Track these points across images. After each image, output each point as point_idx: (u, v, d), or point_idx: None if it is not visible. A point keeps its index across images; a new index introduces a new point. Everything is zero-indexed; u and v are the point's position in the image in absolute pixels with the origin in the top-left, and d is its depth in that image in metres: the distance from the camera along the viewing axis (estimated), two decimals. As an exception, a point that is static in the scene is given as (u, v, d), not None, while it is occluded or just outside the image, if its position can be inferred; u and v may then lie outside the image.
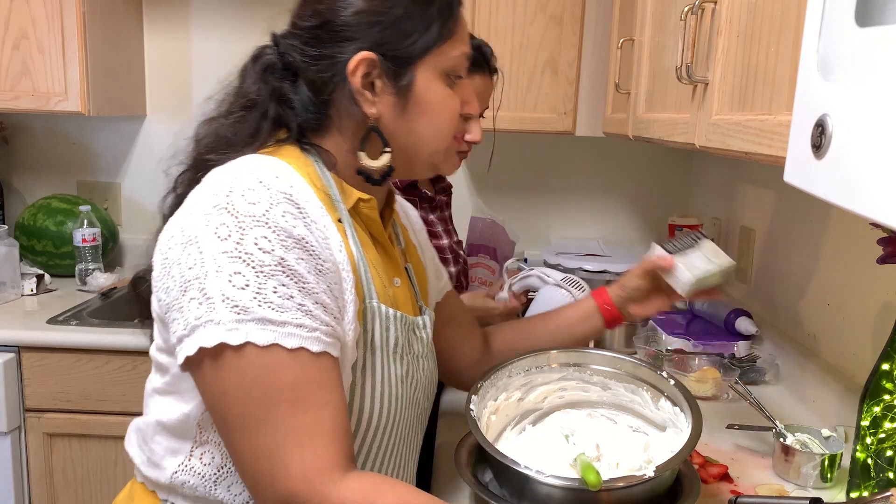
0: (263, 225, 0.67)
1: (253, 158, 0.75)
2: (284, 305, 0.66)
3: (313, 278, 0.69)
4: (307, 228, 0.70)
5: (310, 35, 0.79)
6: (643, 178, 2.34)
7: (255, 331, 0.65)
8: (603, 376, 1.05)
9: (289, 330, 0.66)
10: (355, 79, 0.77)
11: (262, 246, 0.67)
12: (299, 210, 0.70)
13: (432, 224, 1.41)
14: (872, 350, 0.89)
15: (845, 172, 0.44)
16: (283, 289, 0.66)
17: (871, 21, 0.43)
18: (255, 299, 0.65)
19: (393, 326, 0.81)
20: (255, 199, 0.68)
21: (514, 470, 0.84)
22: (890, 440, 0.84)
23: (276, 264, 0.67)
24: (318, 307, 0.68)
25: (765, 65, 0.84)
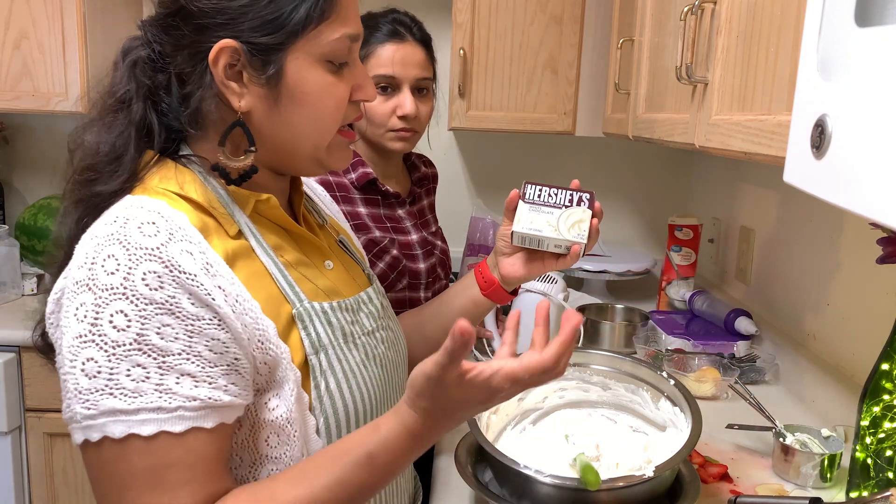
0: (121, 297, 0.62)
1: (115, 210, 0.68)
2: (139, 389, 0.62)
3: (181, 345, 0.64)
4: (176, 284, 0.64)
5: (168, 23, 0.72)
6: (643, 178, 2.34)
7: (109, 424, 0.62)
8: (603, 376, 1.05)
9: (143, 417, 0.62)
10: (218, 70, 0.70)
11: (118, 323, 0.62)
12: (166, 266, 0.64)
13: (398, 220, 1.38)
14: (872, 350, 0.89)
15: (845, 172, 0.44)
16: (139, 370, 0.62)
17: (870, 21, 0.43)
18: (105, 388, 0.62)
19: (334, 318, 0.78)
20: (113, 266, 0.63)
21: (513, 470, 0.84)
22: (889, 440, 0.84)
23: (131, 343, 0.62)
24: (183, 380, 0.64)
25: (765, 65, 0.84)
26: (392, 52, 1.29)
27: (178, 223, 0.67)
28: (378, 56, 1.29)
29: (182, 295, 0.64)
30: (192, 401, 0.64)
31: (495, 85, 1.92)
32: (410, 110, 1.29)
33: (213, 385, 0.65)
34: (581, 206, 0.97)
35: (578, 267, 2.01)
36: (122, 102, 0.73)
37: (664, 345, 1.56)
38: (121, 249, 0.63)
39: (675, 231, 1.86)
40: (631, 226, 2.38)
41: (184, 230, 0.67)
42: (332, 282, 0.82)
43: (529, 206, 0.97)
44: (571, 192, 0.98)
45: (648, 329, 1.65)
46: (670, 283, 1.88)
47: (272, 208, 0.77)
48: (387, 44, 1.30)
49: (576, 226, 0.97)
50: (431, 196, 1.55)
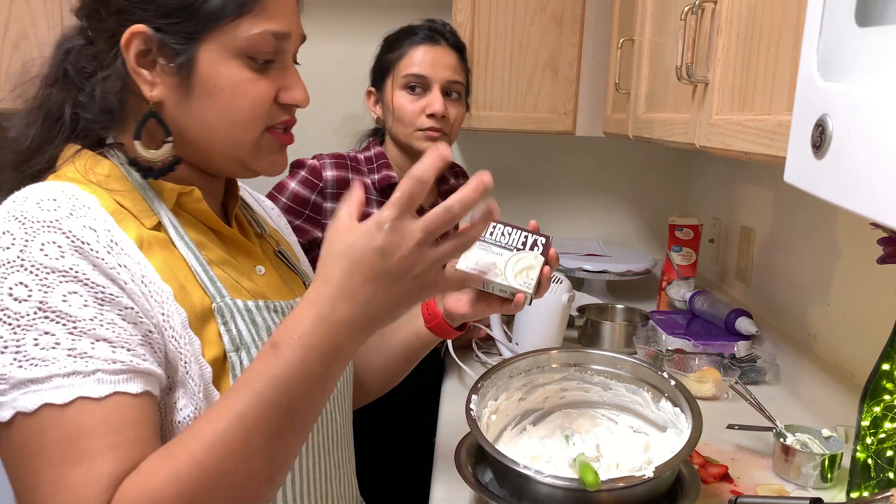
0: (19, 269, 0.59)
1: (24, 191, 0.65)
2: (49, 357, 0.58)
3: (91, 311, 0.60)
4: (78, 254, 0.61)
5: (90, 6, 0.71)
6: (643, 178, 2.34)
7: (20, 398, 0.57)
8: (604, 376, 1.05)
9: (56, 383, 0.58)
10: (129, 55, 0.68)
11: (17, 294, 0.58)
12: (66, 235, 0.61)
13: None
14: (872, 350, 0.89)
15: (845, 172, 0.44)
16: (47, 337, 0.58)
17: (871, 21, 0.43)
18: (14, 361, 0.58)
19: (259, 317, 0.73)
20: (8, 241, 0.60)
21: (513, 470, 0.84)
22: (890, 440, 0.84)
23: (34, 312, 0.58)
24: (99, 344, 0.60)
25: (765, 65, 0.84)
26: (423, 52, 1.33)
27: (83, 202, 0.64)
28: (410, 56, 1.33)
29: (86, 265, 0.61)
30: (112, 363, 0.60)
31: (495, 85, 1.92)
32: (439, 108, 1.31)
33: (133, 352, 0.61)
34: (534, 252, 0.91)
35: (578, 267, 2.01)
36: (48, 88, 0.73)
37: (664, 345, 1.56)
38: (16, 224, 0.61)
39: (675, 231, 1.86)
40: (631, 226, 2.38)
41: (89, 209, 0.64)
42: (259, 286, 0.78)
43: (479, 244, 0.90)
44: (527, 233, 0.92)
45: (649, 329, 1.65)
46: (670, 283, 1.88)
47: (195, 201, 0.74)
48: (420, 46, 1.34)
49: (524, 272, 0.89)
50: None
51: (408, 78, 1.32)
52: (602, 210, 2.37)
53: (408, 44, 1.34)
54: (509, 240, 0.91)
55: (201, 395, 0.66)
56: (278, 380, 0.60)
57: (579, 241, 2.29)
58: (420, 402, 1.55)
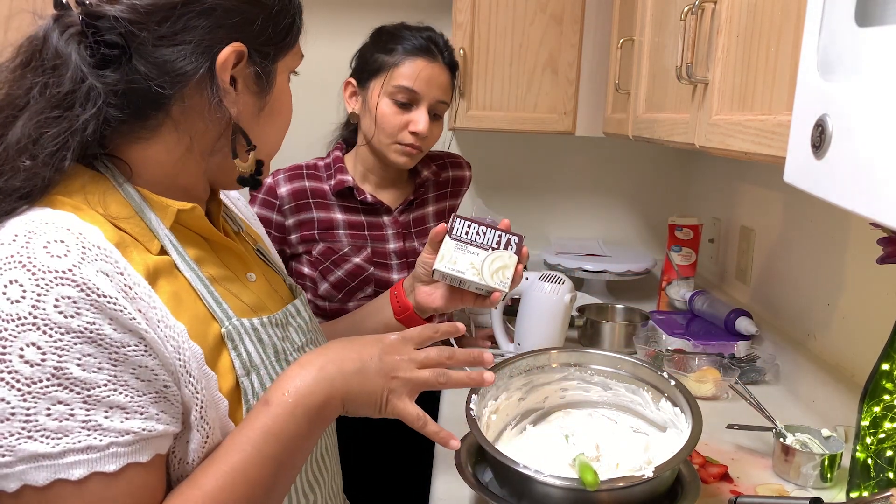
0: (31, 328, 0.55)
1: (14, 226, 0.59)
2: (63, 429, 0.55)
3: (105, 375, 0.57)
4: (94, 309, 0.57)
5: (167, 12, 0.64)
6: (643, 178, 2.34)
7: (30, 472, 0.55)
8: (604, 376, 1.05)
9: (70, 459, 0.55)
10: (224, 74, 0.66)
11: (29, 357, 0.54)
12: (81, 289, 0.56)
13: (380, 227, 1.38)
14: (872, 350, 0.89)
15: (845, 172, 0.44)
16: (60, 407, 0.55)
17: (871, 21, 0.43)
18: (23, 431, 0.54)
19: (265, 335, 0.73)
20: (18, 293, 0.55)
21: (513, 470, 0.84)
22: (890, 440, 0.84)
23: (47, 379, 0.55)
24: (113, 413, 0.57)
25: (765, 65, 0.84)
26: (420, 67, 1.29)
27: (91, 240, 0.59)
28: (404, 67, 1.28)
29: (103, 321, 0.57)
30: (124, 435, 0.58)
31: (495, 85, 1.92)
32: (423, 129, 1.29)
33: (146, 415, 0.59)
34: (508, 251, 0.95)
35: (578, 267, 2.01)
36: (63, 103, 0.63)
37: (664, 345, 1.56)
38: (25, 274, 0.55)
39: (675, 231, 1.86)
40: (631, 226, 2.38)
41: (98, 248, 0.59)
42: (256, 295, 0.78)
43: (455, 244, 0.94)
44: (501, 232, 0.96)
45: (649, 329, 1.65)
46: (670, 283, 1.88)
47: (196, 218, 0.72)
48: (417, 58, 1.29)
49: (500, 272, 0.94)
50: (444, 202, 1.50)
51: (399, 90, 1.28)
52: (602, 210, 2.37)
53: (404, 51, 1.29)
54: (484, 239, 0.95)
55: (218, 432, 0.66)
56: (270, 433, 0.65)
57: (579, 241, 2.29)
58: None
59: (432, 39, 1.32)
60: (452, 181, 1.51)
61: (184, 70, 0.65)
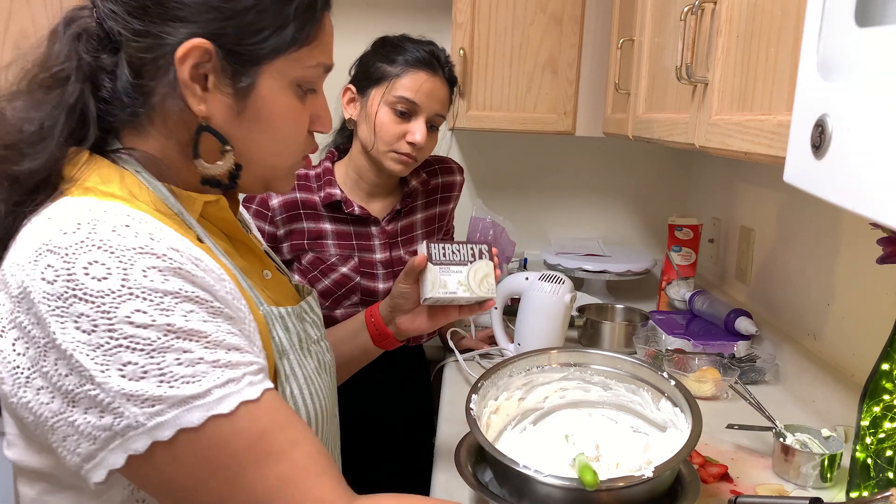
0: (129, 297, 0.56)
1: (70, 215, 0.60)
2: (199, 372, 0.58)
3: (212, 325, 0.60)
4: (178, 276, 0.59)
5: (139, 8, 0.65)
6: (643, 178, 2.34)
7: (183, 414, 0.56)
8: (604, 376, 1.05)
9: (217, 395, 0.58)
10: (183, 68, 0.65)
11: (139, 320, 0.56)
12: (161, 259, 0.59)
13: (368, 237, 1.40)
14: (872, 350, 0.89)
15: (845, 172, 0.44)
16: (187, 355, 0.57)
17: (871, 21, 0.43)
18: (162, 383, 0.56)
19: (290, 323, 0.75)
20: (102, 272, 0.56)
21: (513, 469, 0.84)
22: (890, 440, 0.84)
23: (164, 335, 0.57)
24: (232, 353, 0.60)
25: (765, 65, 0.84)
26: (423, 80, 1.31)
27: (153, 224, 0.61)
28: (407, 79, 1.31)
29: (188, 284, 0.60)
30: (250, 365, 0.61)
31: (495, 85, 1.92)
32: (421, 140, 1.32)
33: (254, 352, 0.63)
34: (483, 259, 1.02)
35: (578, 267, 2.01)
36: (56, 79, 0.66)
37: (664, 345, 1.56)
38: (103, 254, 0.57)
39: (675, 231, 1.86)
40: (631, 226, 2.38)
41: (162, 230, 0.61)
42: (273, 292, 0.79)
43: (440, 269, 0.99)
44: (470, 245, 1.03)
45: (648, 329, 1.65)
46: (670, 283, 1.88)
47: (221, 210, 0.73)
48: (420, 70, 1.31)
49: (484, 280, 1.02)
50: (434, 209, 1.51)
51: (399, 100, 1.30)
52: (602, 210, 2.37)
53: (407, 63, 1.31)
54: (460, 256, 1.01)
55: None
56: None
57: (579, 241, 2.29)
58: (407, 403, 1.55)
59: (434, 54, 1.34)
60: (442, 187, 1.52)
61: (149, 62, 0.66)
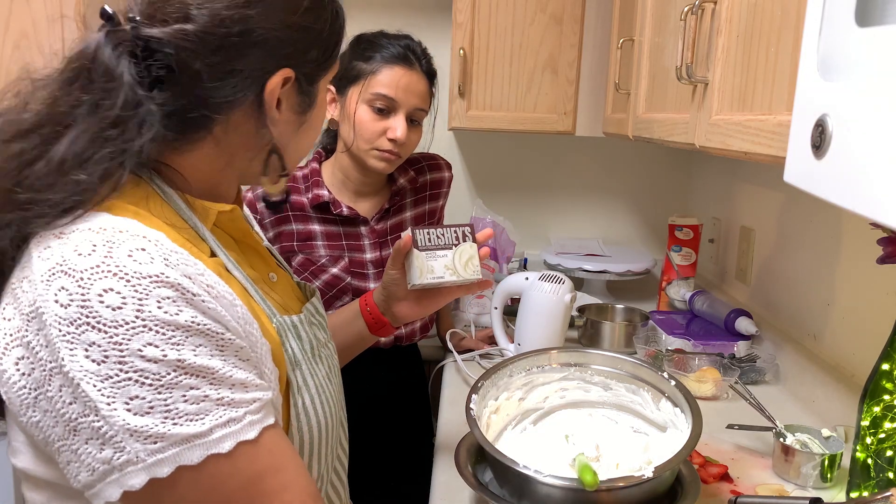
0: (143, 330, 0.56)
1: (86, 236, 0.59)
2: (202, 410, 0.58)
3: (219, 361, 0.60)
4: (191, 306, 0.59)
5: (219, 40, 0.64)
6: (643, 178, 2.34)
7: (183, 453, 0.57)
8: (604, 376, 1.05)
9: (218, 435, 0.58)
10: (271, 99, 0.68)
11: (151, 355, 0.56)
12: (176, 289, 0.58)
13: (357, 237, 1.39)
14: (872, 350, 0.89)
15: (845, 172, 0.44)
16: (194, 392, 0.57)
17: (871, 21, 0.43)
18: (166, 420, 0.56)
19: (302, 331, 0.76)
20: (117, 301, 0.56)
21: (513, 469, 0.84)
22: (890, 440, 0.84)
23: (174, 370, 0.57)
24: (236, 389, 0.60)
25: (765, 65, 0.84)
26: (399, 75, 1.31)
27: (167, 246, 0.61)
28: (383, 75, 1.30)
29: (200, 315, 0.59)
30: (252, 403, 0.61)
31: (495, 85, 1.92)
32: (401, 136, 1.31)
33: (259, 386, 0.63)
34: (467, 241, 1.02)
35: (578, 267, 2.01)
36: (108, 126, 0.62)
37: (664, 345, 1.56)
38: (119, 282, 0.56)
39: (675, 231, 1.86)
40: (631, 226, 2.38)
41: (177, 253, 0.61)
42: (280, 296, 0.79)
43: (426, 254, 0.99)
44: (454, 228, 1.02)
45: (648, 329, 1.65)
46: (670, 283, 1.88)
47: (235, 220, 0.73)
48: (395, 66, 1.31)
49: (469, 262, 1.01)
50: (423, 206, 1.50)
51: (377, 97, 1.29)
52: (602, 210, 2.37)
53: (382, 59, 1.31)
54: (444, 240, 1.01)
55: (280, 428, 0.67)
56: None
57: (579, 241, 2.29)
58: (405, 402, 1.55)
59: (410, 48, 1.34)
60: (430, 184, 1.51)
61: (233, 97, 0.67)
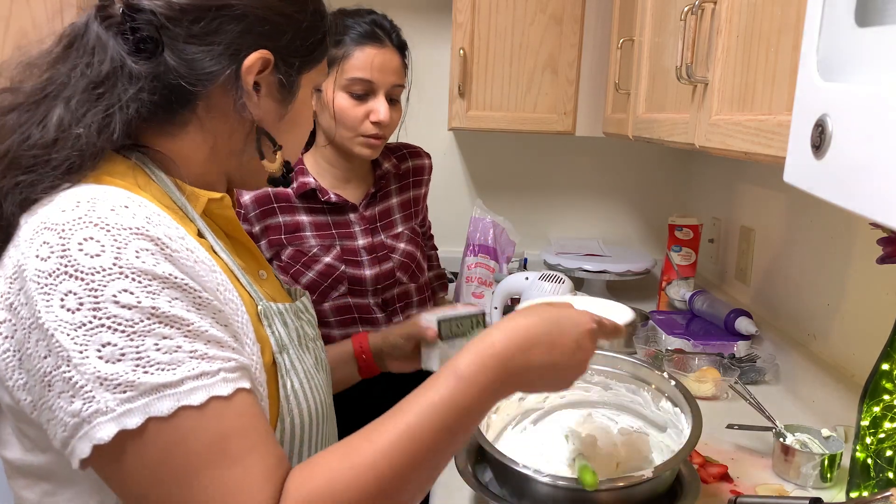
0: (119, 276, 0.56)
1: (71, 196, 0.61)
2: (175, 360, 0.57)
3: (195, 316, 0.59)
4: (170, 262, 0.59)
5: (201, 12, 0.68)
6: (643, 178, 2.34)
7: (154, 402, 0.55)
8: (604, 376, 1.05)
9: (189, 386, 0.57)
10: (248, 77, 0.70)
11: (124, 301, 0.56)
12: (155, 243, 0.59)
13: (347, 225, 1.36)
14: (872, 350, 0.89)
15: (845, 172, 0.44)
16: (167, 342, 0.57)
17: (871, 21, 0.43)
18: (137, 368, 0.56)
19: (289, 319, 0.76)
20: (96, 248, 0.57)
21: (513, 469, 0.84)
22: (890, 440, 0.84)
23: (147, 318, 0.57)
24: (211, 346, 0.60)
25: (765, 65, 0.84)
26: (372, 56, 1.26)
27: (152, 209, 0.62)
28: (355, 58, 1.26)
29: (178, 271, 0.60)
30: (228, 361, 0.60)
31: (495, 85, 1.92)
32: (385, 117, 1.27)
33: (236, 349, 0.62)
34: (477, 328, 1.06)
35: (578, 267, 2.01)
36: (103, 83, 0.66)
37: (664, 345, 1.56)
38: (99, 231, 0.57)
39: (675, 231, 1.86)
40: (631, 226, 2.38)
41: (159, 215, 0.62)
42: (270, 291, 0.80)
43: (447, 344, 1.03)
44: (472, 315, 1.06)
45: (648, 329, 1.65)
46: (670, 283, 1.88)
47: (224, 208, 0.74)
48: (366, 47, 1.26)
49: None
50: (407, 193, 1.48)
51: (353, 82, 1.25)
52: (602, 210, 2.37)
53: (351, 41, 1.26)
54: (462, 328, 1.05)
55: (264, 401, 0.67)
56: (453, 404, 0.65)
57: (579, 241, 2.29)
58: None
59: (377, 23, 1.29)
60: (413, 171, 1.49)
61: (210, 69, 0.69)
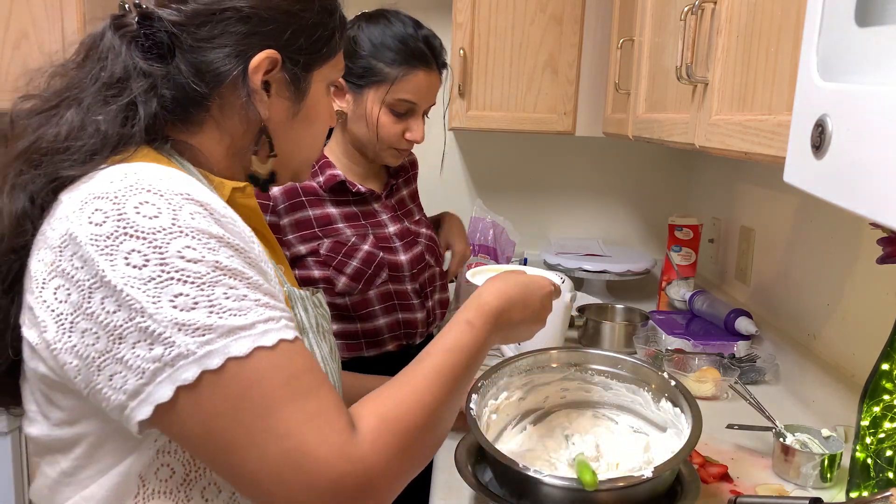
0: (179, 234, 0.60)
1: (115, 171, 0.64)
2: (243, 307, 0.61)
3: (251, 271, 0.63)
4: (219, 225, 0.63)
5: (207, 17, 0.71)
6: (643, 178, 2.34)
7: (231, 344, 0.59)
8: (604, 376, 1.05)
9: (261, 329, 0.61)
10: (256, 77, 0.72)
11: (191, 256, 0.60)
12: (205, 207, 0.63)
13: (374, 214, 1.39)
14: (872, 350, 0.89)
15: (845, 172, 0.44)
16: (234, 291, 0.61)
17: (871, 21, 0.44)
18: (211, 314, 0.59)
19: (309, 305, 0.79)
20: (153, 211, 0.60)
21: (513, 469, 0.84)
22: (890, 440, 0.84)
23: (213, 270, 0.60)
24: (268, 297, 0.63)
25: (765, 65, 0.84)
26: (425, 82, 1.31)
27: (191, 180, 0.65)
28: (409, 81, 1.30)
29: (227, 233, 0.63)
30: (285, 311, 0.65)
31: (495, 85, 1.92)
32: (421, 139, 1.34)
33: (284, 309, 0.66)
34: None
35: (578, 267, 2.01)
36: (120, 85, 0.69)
37: (664, 345, 1.56)
38: (153, 196, 0.61)
39: (675, 231, 1.86)
40: (631, 226, 2.38)
41: (198, 186, 0.65)
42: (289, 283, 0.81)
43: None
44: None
45: (648, 329, 1.65)
46: (670, 283, 1.88)
47: (247, 197, 0.76)
48: (419, 70, 1.30)
49: None
50: (411, 185, 1.55)
51: (399, 102, 1.29)
52: (602, 210, 2.37)
53: (406, 62, 1.29)
54: None
55: None
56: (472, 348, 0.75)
57: (579, 241, 2.29)
58: None
59: (429, 44, 1.32)
60: (411, 165, 1.56)
61: (219, 70, 0.71)
